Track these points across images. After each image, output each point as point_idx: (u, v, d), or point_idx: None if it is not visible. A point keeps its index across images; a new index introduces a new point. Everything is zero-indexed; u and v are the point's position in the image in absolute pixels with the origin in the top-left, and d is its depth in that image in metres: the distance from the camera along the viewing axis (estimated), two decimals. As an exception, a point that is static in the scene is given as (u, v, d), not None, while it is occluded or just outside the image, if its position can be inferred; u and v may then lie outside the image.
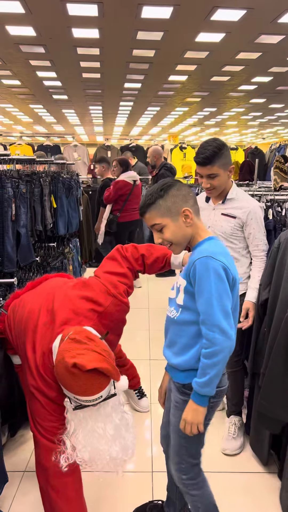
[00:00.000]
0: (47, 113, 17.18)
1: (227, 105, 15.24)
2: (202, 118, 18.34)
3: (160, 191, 2.03)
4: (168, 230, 2.04)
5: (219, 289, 1.89)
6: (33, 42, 7.93)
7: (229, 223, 3.07)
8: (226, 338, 1.88)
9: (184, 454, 2.17)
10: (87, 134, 25.45)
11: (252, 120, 19.41)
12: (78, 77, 10.77)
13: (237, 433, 3.32)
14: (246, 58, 9.07)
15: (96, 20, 6.80)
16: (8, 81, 11.43)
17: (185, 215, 2.02)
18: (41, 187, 4.73)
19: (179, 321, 2.08)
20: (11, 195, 3.87)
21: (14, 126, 22.12)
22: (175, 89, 12.17)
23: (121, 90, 12.38)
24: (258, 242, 3.07)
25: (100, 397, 2.05)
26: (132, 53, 8.63)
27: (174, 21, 6.78)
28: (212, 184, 2.98)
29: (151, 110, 15.97)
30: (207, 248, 1.99)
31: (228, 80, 11.18)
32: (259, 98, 13.74)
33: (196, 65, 9.64)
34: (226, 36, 7.62)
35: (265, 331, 2.90)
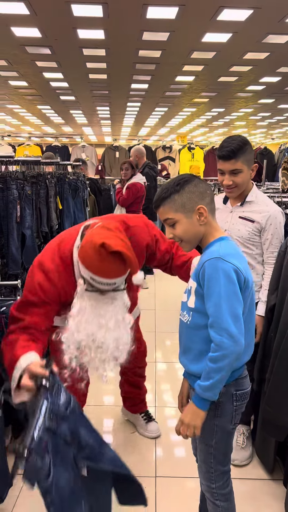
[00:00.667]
0: (55, 113, 17.20)
1: (235, 106, 15.18)
2: (210, 118, 18.28)
3: (177, 185, 1.95)
4: (180, 226, 1.96)
5: (229, 292, 1.82)
6: (39, 43, 7.93)
7: (247, 227, 2.88)
8: (234, 343, 1.80)
9: (212, 461, 2.10)
10: (95, 134, 25.46)
11: (261, 121, 19.32)
12: (85, 78, 10.76)
13: (245, 443, 3.21)
14: (254, 58, 9.01)
15: (101, 21, 6.77)
16: (15, 82, 11.44)
17: (200, 213, 1.94)
18: (46, 188, 4.69)
19: (191, 325, 2.00)
20: (16, 196, 3.85)
21: (23, 126, 22.16)
22: (183, 89, 12.13)
23: (128, 91, 12.36)
24: (274, 250, 2.89)
25: (114, 283, 2.17)
26: (138, 54, 8.60)
27: (180, 21, 6.74)
28: (234, 182, 2.77)
29: (159, 110, 15.93)
30: (218, 249, 1.91)
31: (236, 81, 11.12)
32: (268, 98, 13.67)
33: (203, 66, 9.59)
34: (233, 36, 7.57)
35: (272, 336, 2.83)
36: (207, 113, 16.70)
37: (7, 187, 3.83)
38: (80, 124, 20.61)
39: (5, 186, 3.84)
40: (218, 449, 2.07)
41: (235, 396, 2.03)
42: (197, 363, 1.99)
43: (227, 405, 2.02)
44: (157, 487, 2.91)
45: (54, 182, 4.92)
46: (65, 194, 5.27)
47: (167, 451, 3.26)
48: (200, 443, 2.12)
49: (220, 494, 2.12)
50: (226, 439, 2.06)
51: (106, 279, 2.13)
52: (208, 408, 1.94)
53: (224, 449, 2.10)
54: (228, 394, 2.00)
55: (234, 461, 3.07)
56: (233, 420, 2.04)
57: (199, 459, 2.17)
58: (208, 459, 2.09)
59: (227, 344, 1.80)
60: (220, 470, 2.11)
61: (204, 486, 2.18)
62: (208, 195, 1.98)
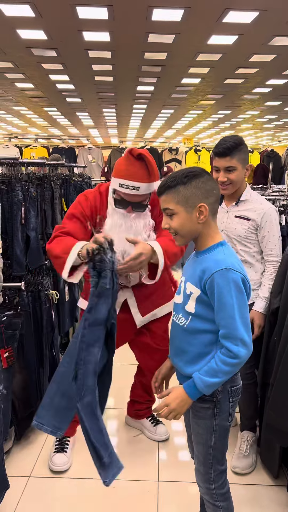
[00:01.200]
0: (61, 115, 17.24)
1: (241, 108, 15.15)
2: (216, 120, 18.28)
3: (185, 177, 1.90)
4: (178, 219, 1.92)
5: (240, 303, 1.83)
6: (45, 45, 7.94)
7: (243, 226, 2.91)
8: (248, 351, 1.85)
9: (211, 462, 2.09)
10: (101, 136, 25.50)
11: (268, 123, 19.29)
12: (91, 80, 10.76)
13: (249, 450, 3.15)
14: (260, 60, 8.99)
15: (106, 23, 6.76)
16: (22, 85, 11.48)
17: (200, 210, 1.89)
18: (52, 190, 4.66)
19: (189, 329, 1.98)
20: (21, 198, 3.82)
21: (29, 128, 22.22)
22: (189, 92, 12.12)
23: (134, 93, 12.36)
24: (271, 247, 2.91)
25: (138, 188, 2.49)
26: (144, 56, 8.60)
27: (185, 23, 6.72)
28: (229, 179, 2.83)
29: (165, 112, 15.93)
30: (224, 258, 1.89)
31: (242, 83, 11.10)
32: (274, 100, 13.64)
33: (209, 68, 9.58)
34: (239, 39, 7.53)
35: (276, 340, 2.79)
36: (213, 115, 16.69)
37: (11, 189, 3.80)
38: (86, 126, 20.63)
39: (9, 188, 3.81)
40: (217, 448, 2.07)
41: (231, 393, 2.02)
42: (193, 365, 1.98)
43: (225, 402, 2.02)
44: (159, 492, 2.88)
45: (59, 184, 4.88)
46: (70, 196, 5.23)
47: (170, 455, 3.22)
48: (199, 444, 2.10)
49: (219, 494, 2.13)
50: (224, 437, 2.06)
51: (131, 181, 2.48)
52: (195, 400, 1.96)
53: (222, 448, 2.09)
54: (225, 391, 2.00)
55: (235, 468, 3.04)
56: (230, 417, 2.05)
57: (197, 462, 2.15)
58: (207, 460, 2.09)
59: (243, 352, 1.83)
60: (219, 469, 2.11)
61: (202, 488, 2.17)
62: (214, 195, 1.94)
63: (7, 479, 2.66)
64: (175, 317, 2.08)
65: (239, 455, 3.12)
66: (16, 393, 3.17)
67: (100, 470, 2.00)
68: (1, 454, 2.64)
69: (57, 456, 3.05)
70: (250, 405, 3.21)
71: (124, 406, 3.63)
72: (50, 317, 3.53)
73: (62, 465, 3.01)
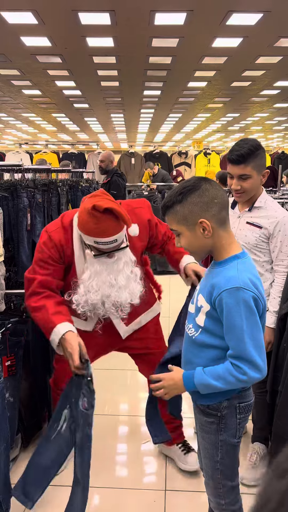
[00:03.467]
0: (70, 121, 17.29)
1: (250, 111, 15.09)
2: (225, 123, 18.22)
3: (179, 195, 1.79)
4: (184, 239, 1.83)
5: (251, 324, 1.71)
6: (49, 52, 7.96)
7: (254, 233, 2.77)
8: (258, 373, 1.73)
9: (219, 477, 1.99)
10: (111, 141, 25.55)
11: (277, 125, 19.20)
12: (97, 85, 10.79)
13: (258, 463, 3.04)
14: (267, 62, 8.93)
15: (109, 29, 6.77)
16: (29, 91, 11.53)
17: (203, 226, 1.77)
18: (58, 196, 4.65)
19: (198, 341, 1.90)
20: (26, 204, 3.82)
21: (39, 134, 22.31)
22: (196, 95, 12.09)
23: (141, 98, 12.36)
24: (283, 257, 2.76)
25: (115, 240, 2.34)
26: (148, 61, 8.59)
27: (189, 27, 6.70)
28: (242, 187, 2.67)
29: (173, 116, 15.91)
30: (237, 274, 1.75)
31: (250, 85, 11.05)
32: (283, 102, 13.56)
33: (215, 71, 9.54)
34: (244, 41, 7.50)
35: (285, 347, 2.73)
36: (222, 118, 16.64)
37: (17, 195, 3.80)
38: (95, 132, 20.68)
39: (15, 194, 3.81)
40: (224, 464, 1.97)
41: (238, 409, 1.92)
42: None
43: (231, 418, 1.92)
44: (166, 501, 2.83)
45: (66, 190, 4.87)
46: (78, 202, 5.21)
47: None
48: (206, 458, 2.02)
49: (230, 510, 2.02)
50: (232, 453, 1.96)
51: (106, 238, 2.32)
52: (185, 391, 1.92)
53: (231, 464, 1.99)
54: (232, 407, 1.90)
55: (243, 480, 2.92)
56: (238, 434, 1.94)
57: (205, 475, 2.07)
58: (216, 474, 1.99)
59: (251, 374, 1.73)
60: (228, 485, 2.00)
61: (213, 503, 2.07)
62: (216, 204, 1.79)
63: (11, 487, 2.65)
64: (187, 327, 1.98)
65: (248, 466, 3.03)
66: (23, 401, 3.14)
67: None
68: (7, 463, 2.63)
69: None
70: (262, 416, 3.08)
71: (135, 413, 3.59)
72: None
73: None
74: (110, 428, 3.50)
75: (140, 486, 2.95)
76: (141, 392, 3.79)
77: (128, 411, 3.80)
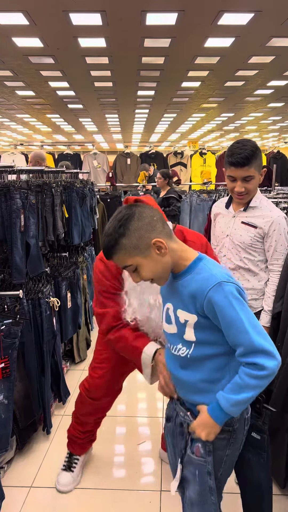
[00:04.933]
0: (64, 122, 17.28)
1: (244, 110, 15.10)
2: (220, 123, 18.23)
3: (120, 228, 1.69)
4: (144, 269, 1.73)
5: (246, 313, 1.64)
6: (41, 53, 7.95)
7: (249, 233, 2.79)
8: (275, 360, 1.63)
9: (212, 498, 1.84)
10: (106, 141, 25.52)
11: (272, 124, 19.21)
12: (91, 86, 10.79)
13: None
14: (259, 62, 8.95)
15: (101, 29, 6.76)
16: (22, 92, 11.52)
17: (157, 246, 1.70)
18: (52, 197, 4.64)
19: (195, 357, 1.79)
20: (20, 206, 3.80)
21: (34, 135, 22.28)
22: (190, 95, 12.10)
23: (135, 98, 12.37)
24: (278, 256, 2.79)
25: None
26: (141, 61, 8.59)
27: (180, 27, 6.70)
28: (247, 188, 2.69)
29: (168, 116, 15.91)
30: (210, 273, 1.70)
31: (243, 85, 11.06)
32: (277, 102, 13.58)
33: (208, 71, 9.55)
34: (236, 41, 7.50)
35: (279, 346, 2.74)
36: (216, 118, 16.64)
37: (10, 197, 3.79)
38: (90, 132, 20.66)
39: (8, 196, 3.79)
40: (221, 481, 1.88)
41: (246, 421, 1.88)
42: (206, 394, 1.81)
43: (241, 432, 1.86)
44: (162, 502, 2.83)
45: (60, 191, 4.86)
46: (73, 203, 5.19)
47: None
48: (200, 476, 1.86)
49: None
50: (231, 469, 1.90)
51: None
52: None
53: (225, 480, 1.91)
54: (242, 419, 1.85)
55: None
56: (241, 447, 1.89)
57: (189, 496, 1.89)
58: (208, 496, 1.85)
59: (271, 364, 1.62)
60: (215, 505, 1.86)
61: None
62: (157, 221, 1.74)
63: (2, 490, 2.64)
64: (173, 348, 1.86)
65: None
66: (18, 402, 3.16)
67: None
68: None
69: (62, 475, 2.98)
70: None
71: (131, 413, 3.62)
72: (51, 325, 3.51)
73: (65, 485, 2.93)
74: (106, 429, 3.51)
75: (136, 487, 2.95)
76: (139, 392, 3.80)
77: (125, 412, 3.81)
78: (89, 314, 5.11)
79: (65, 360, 4.50)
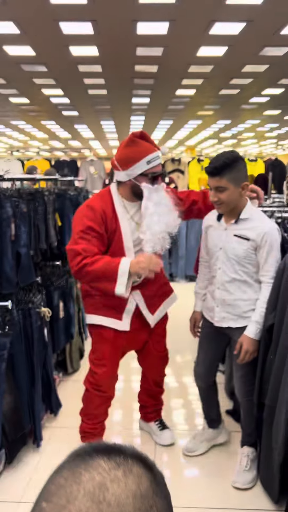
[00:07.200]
0: (60, 128, 17.31)
1: (241, 118, 15.15)
2: (217, 130, 18.27)
3: None
4: None
5: None
6: (33, 61, 7.98)
7: (243, 246, 2.76)
8: None
9: None
10: (103, 148, 25.56)
11: (270, 132, 19.26)
12: (85, 93, 10.82)
13: (249, 465, 3.06)
14: (253, 71, 9.00)
15: (92, 38, 6.79)
16: (16, 99, 11.55)
17: None
18: (45, 205, 4.61)
19: None
20: (11, 214, 3.78)
21: (30, 142, 22.30)
22: (185, 103, 12.14)
23: (130, 105, 12.42)
24: (269, 268, 2.76)
25: (158, 156, 2.75)
26: (134, 69, 8.62)
27: (172, 36, 6.74)
28: (220, 198, 2.66)
29: (164, 124, 15.97)
30: None
31: (238, 93, 11.11)
32: (273, 109, 13.65)
33: (203, 79, 9.60)
34: (229, 50, 7.54)
35: (272, 358, 2.72)
36: (213, 125, 16.70)
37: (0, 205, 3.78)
38: (87, 138, 20.69)
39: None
40: None
41: None
42: None
43: None
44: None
45: (53, 199, 4.83)
46: (66, 210, 5.15)
47: (166, 476, 3.13)
48: None
49: None
50: None
51: (154, 152, 2.70)
52: None
53: None
54: None
55: (236, 483, 2.97)
56: None
57: None
58: None
59: None
60: None
61: None
62: None
63: None
64: None
65: (240, 470, 3.05)
66: (7, 415, 3.10)
67: None
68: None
69: None
70: (251, 422, 3.14)
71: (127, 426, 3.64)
72: (42, 335, 3.46)
73: None
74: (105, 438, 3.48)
75: None
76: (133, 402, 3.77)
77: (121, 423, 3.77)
78: (82, 324, 5.07)
79: (57, 370, 4.46)
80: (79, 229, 2.71)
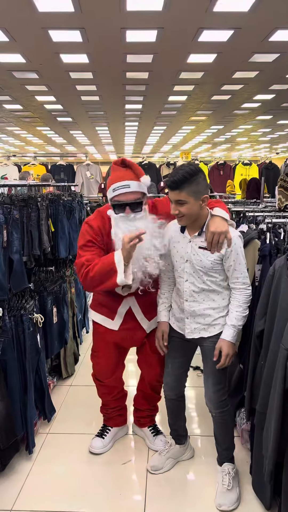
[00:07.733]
0: (55, 134, 17.34)
1: (234, 123, 15.18)
2: (211, 135, 18.30)
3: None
4: None
5: None
6: (25, 68, 7.99)
7: (209, 257, 2.76)
8: None
9: None
10: (99, 153, 25.57)
11: (263, 136, 19.30)
12: (78, 100, 10.84)
13: (232, 484, 2.97)
14: (243, 77, 9.04)
15: (82, 46, 6.81)
16: (10, 106, 11.58)
17: None
18: (38, 211, 4.58)
19: None
20: (3, 221, 3.76)
21: (27, 147, 22.31)
22: (178, 108, 12.19)
23: (123, 111, 12.44)
24: (238, 275, 2.78)
25: (128, 186, 2.74)
26: (126, 76, 8.64)
27: (161, 43, 6.78)
28: (180, 211, 2.65)
29: (158, 129, 15.99)
30: None
31: (230, 99, 11.15)
32: (265, 115, 13.70)
33: (194, 85, 9.63)
34: (218, 57, 7.58)
35: (262, 364, 2.71)
36: (207, 130, 16.72)
37: (-8, 212, 3.77)
38: (82, 144, 20.70)
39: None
40: None
41: None
42: None
43: None
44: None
45: (46, 205, 4.80)
46: (59, 216, 5.12)
47: (159, 486, 3.08)
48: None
49: None
50: None
51: (120, 182, 2.73)
52: None
53: None
54: None
55: (222, 506, 2.88)
56: None
57: None
58: None
59: None
60: None
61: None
62: None
63: None
64: None
65: (223, 489, 2.96)
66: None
67: None
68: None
69: (95, 440, 3.46)
70: (226, 436, 3.08)
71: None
72: (35, 341, 3.46)
73: (97, 448, 3.41)
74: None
75: (118, 510, 2.87)
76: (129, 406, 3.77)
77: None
78: (77, 328, 5.05)
79: (51, 375, 4.46)
80: (81, 244, 2.91)
